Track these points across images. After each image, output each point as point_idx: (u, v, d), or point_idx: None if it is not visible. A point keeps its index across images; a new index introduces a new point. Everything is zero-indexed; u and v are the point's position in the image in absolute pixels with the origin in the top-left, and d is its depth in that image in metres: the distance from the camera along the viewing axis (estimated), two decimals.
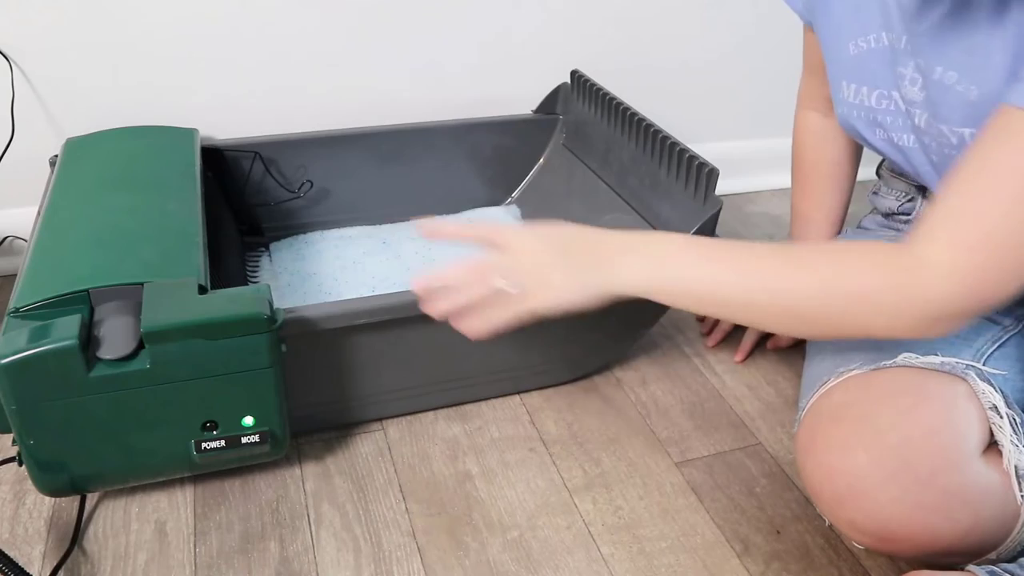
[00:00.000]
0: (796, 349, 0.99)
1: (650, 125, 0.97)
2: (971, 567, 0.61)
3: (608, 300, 0.65)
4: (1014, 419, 0.62)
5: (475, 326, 0.67)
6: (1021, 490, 0.61)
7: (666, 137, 0.94)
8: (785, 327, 0.66)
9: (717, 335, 1.00)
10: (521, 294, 0.65)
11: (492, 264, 0.66)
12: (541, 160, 1.19)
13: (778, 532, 0.75)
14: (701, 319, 1.04)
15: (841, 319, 0.61)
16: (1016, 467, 0.61)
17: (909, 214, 0.85)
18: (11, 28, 0.96)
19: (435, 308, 0.68)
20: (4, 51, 0.97)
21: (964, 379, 0.64)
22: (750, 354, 0.98)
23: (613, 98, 1.04)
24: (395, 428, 0.85)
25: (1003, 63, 0.59)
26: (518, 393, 0.90)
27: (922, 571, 0.63)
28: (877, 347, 0.69)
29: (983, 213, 0.56)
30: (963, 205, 0.57)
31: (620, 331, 0.90)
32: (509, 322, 0.66)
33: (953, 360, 0.65)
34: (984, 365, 0.67)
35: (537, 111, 1.18)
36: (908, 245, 0.59)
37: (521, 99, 1.18)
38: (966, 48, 0.62)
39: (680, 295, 0.65)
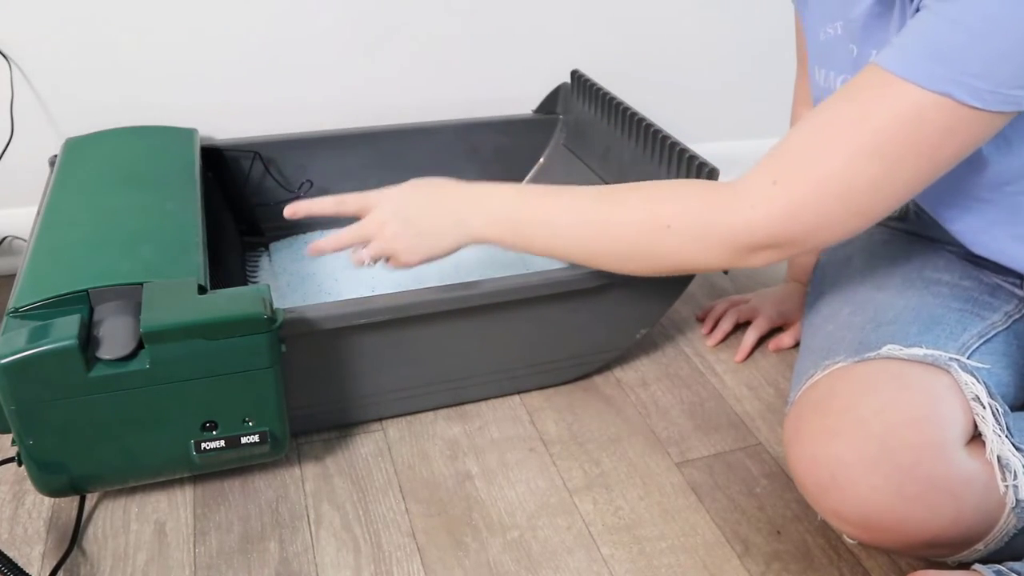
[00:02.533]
0: (797, 349, 0.99)
1: (650, 125, 0.97)
2: (978, 566, 0.61)
3: (456, 250, 0.74)
4: (997, 409, 0.62)
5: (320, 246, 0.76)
6: (1004, 480, 0.61)
7: (666, 137, 0.94)
8: (612, 262, 0.72)
9: (718, 335, 1.00)
10: (393, 259, 0.75)
11: (361, 236, 0.75)
12: (541, 160, 1.19)
13: (778, 532, 0.75)
14: (701, 319, 1.04)
15: (656, 247, 0.67)
16: (999, 457, 0.61)
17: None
18: (11, 28, 0.96)
19: (319, 250, 0.76)
20: (4, 51, 0.97)
21: (947, 370, 0.64)
22: (750, 354, 0.98)
23: (613, 98, 1.04)
24: (395, 428, 0.85)
25: None
26: (518, 393, 0.90)
27: (926, 571, 0.63)
28: (862, 340, 0.70)
29: (819, 157, 0.60)
30: (800, 145, 0.61)
31: (620, 331, 0.90)
32: (371, 263, 0.75)
33: (937, 352, 0.66)
34: (968, 359, 0.67)
35: (537, 111, 1.18)
36: (732, 181, 0.63)
37: (521, 99, 1.18)
38: (887, 32, 0.64)
39: (517, 241, 0.73)
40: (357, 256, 0.75)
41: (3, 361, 0.61)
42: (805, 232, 0.62)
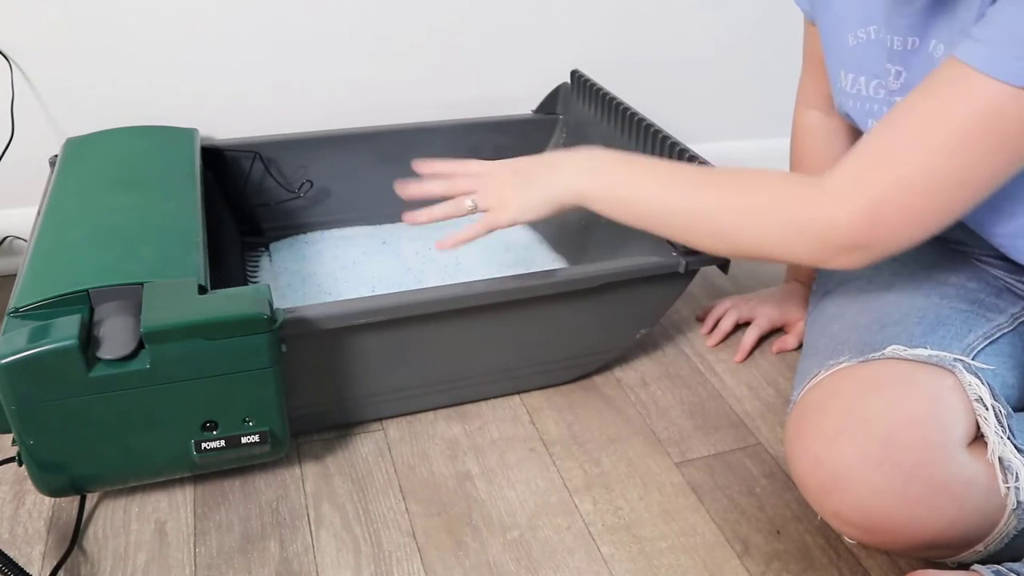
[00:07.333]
0: (797, 350, 0.99)
1: (650, 125, 0.97)
2: (977, 567, 0.61)
3: (556, 209, 0.75)
4: (999, 411, 0.62)
5: (446, 241, 0.77)
6: (1006, 482, 0.61)
7: (666, 137, 0.94)
8: (702, 242, 0.73)
9: (717, 335, 1.00)
10: (485, 213, 0.76)
11: (465, 185, 0.77)
12: None
13: (778, 532, 0.75)
14: (701, 319, 1.04)
15: (752, 238, 0.68)
16: (1001, 459, 0.61)
17: None
18: (11, 28, 0.96)
19: (414, 219, 0.78)
20: (4, 51, 0.97)
21: (951, 371, 0.64)
22: (750, 354, 0.98)
23: (613, 98, 1.04)
24: (395, 428, 0.85)
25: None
26: (518, 393, 0.90)
27: (925, 571, 0.63)
28: (866, 341, 0.70)
29: (901, 155, 0.60)
30: (880, 143, 0.61)
31: (620, 331, 0.90)
32: (474, 236, 0.77)
33: (941, 353, 0.66)
34: (973, 360, 0.67)
35: (537, 111, 1.18)
36: (820, 175, 0.64)
37: (521, 99, 1.18)
38: (952, 23, 0.64)
39: (613, 203, 0.74)
40: (459, 205, 0.76)
41: (4, 361, 0.61)
42: (889, 231, 0.62)
